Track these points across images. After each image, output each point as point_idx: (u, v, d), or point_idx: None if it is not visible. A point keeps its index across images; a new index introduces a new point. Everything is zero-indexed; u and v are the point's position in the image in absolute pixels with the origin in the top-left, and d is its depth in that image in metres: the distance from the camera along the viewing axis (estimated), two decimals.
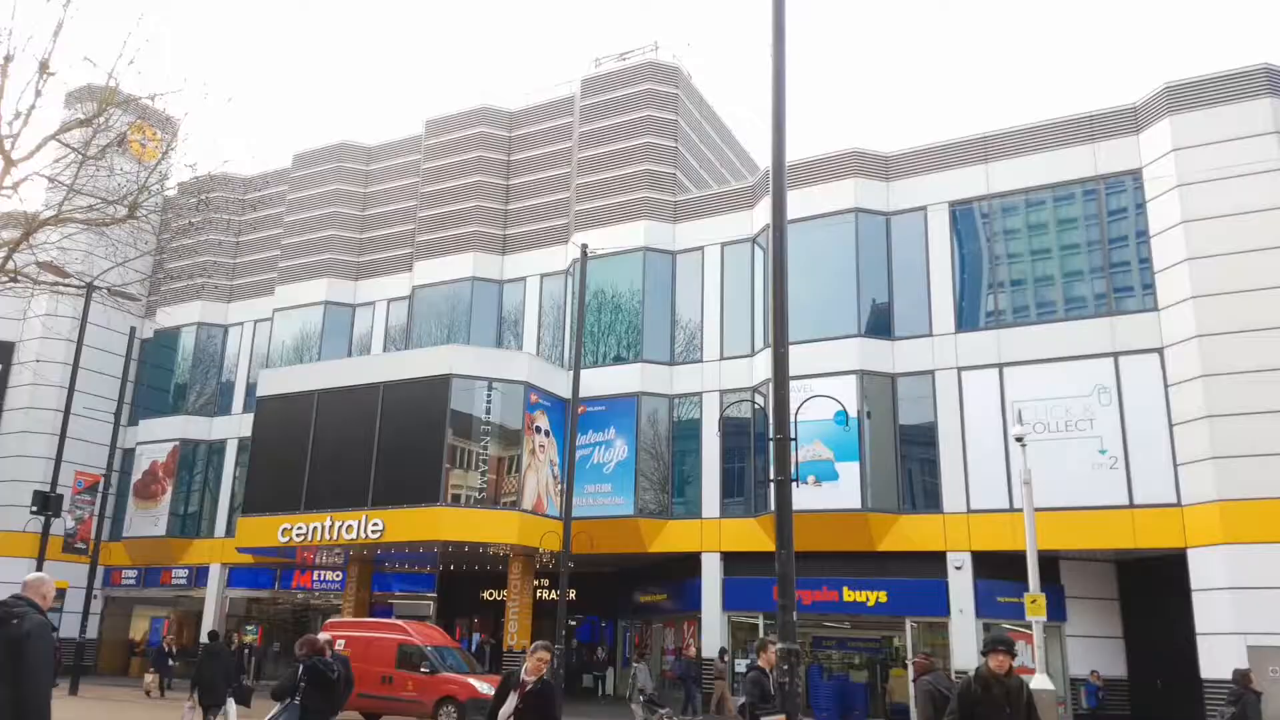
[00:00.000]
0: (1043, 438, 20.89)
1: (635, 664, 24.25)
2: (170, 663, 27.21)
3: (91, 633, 26.02)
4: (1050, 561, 21.01)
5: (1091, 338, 21.54)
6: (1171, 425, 20.20)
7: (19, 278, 15.96)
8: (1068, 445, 20.98)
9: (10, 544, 31.60)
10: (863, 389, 22.96)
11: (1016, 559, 18.90)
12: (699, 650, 24.95)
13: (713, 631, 24.53)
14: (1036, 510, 16.98)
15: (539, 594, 28.75)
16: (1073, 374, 21.45)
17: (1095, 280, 22.15)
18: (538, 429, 26.07)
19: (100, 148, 15.46)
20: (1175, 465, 20.01)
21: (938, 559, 22.24)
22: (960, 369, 22.87)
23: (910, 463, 23.34)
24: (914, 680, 9.24)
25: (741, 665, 24.34)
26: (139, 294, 31.93)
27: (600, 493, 26.22)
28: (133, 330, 30.75)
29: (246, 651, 23.50)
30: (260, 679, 21.77)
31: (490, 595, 30.47)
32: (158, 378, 35.28)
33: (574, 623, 29.79)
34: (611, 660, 30.80)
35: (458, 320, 30.03)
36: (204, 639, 26.55)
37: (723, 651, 23.69)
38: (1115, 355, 21.24)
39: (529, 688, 6.76)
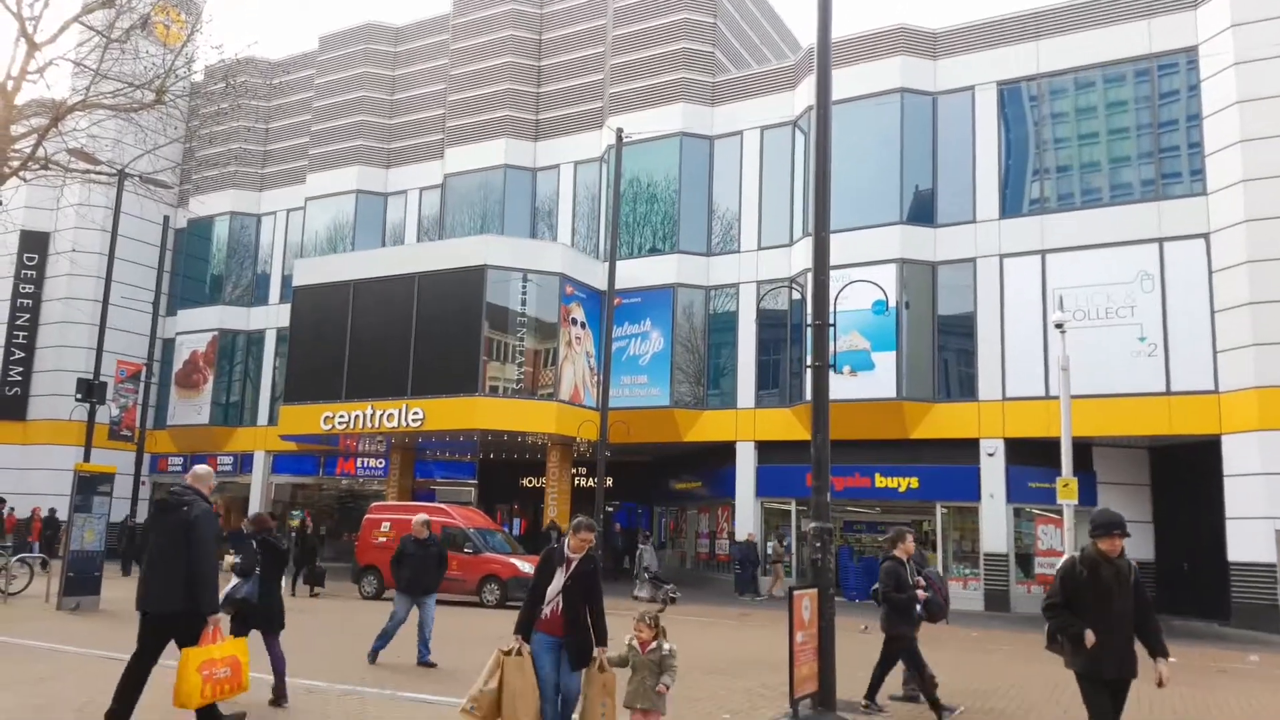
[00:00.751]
0: (1082, 325, 20.74)
1: (641, 545, 24.98)
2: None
3: (141, 518, 27.02)
4: (1083, 448, 21.10)
5: (1137, 223, 21.11)
6: (1213, 312, 19.97)
7: (50, 165, 16.01)
8: (1107, 333, 20.83)
9: (58, 432, 32.74)
10: (902, 278, 22.71)
11: (1049, 445, 18.99)
12: (732, 534, 25.59)
13: (746, 517, 25.10)
14: (1073, 397, 16.98)
15: (577, 481, 29.39)
16: (1116, 260, 21.13)
17: (1143, 165, 21.54)
18: (574, 321, 26.17)
19: (124, 30, 15.24)
20: (1215, 352, 19.87)
21: (971, 446, 22.41)
22: (1002, 256, 22.55)
23: (946, 352, 23.27)
24: (881, 562, 9.48)
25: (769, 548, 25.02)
26: (170, 182, 31.93)
27: (636, 384, 26.46)
28: (166, 219, 30.88)
29: (294, 535, 24.46)
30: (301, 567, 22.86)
31: (530, 482, 31.21)
32: (194, 268, 35.65)
33: (611, 509, 30.52)
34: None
35: (490, 210, 29.84)
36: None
37: (781, 537, 24.40)
38: (1160, 241, 20.85)
39: (575, 565, 6.48)
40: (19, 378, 34.20)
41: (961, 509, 23.03)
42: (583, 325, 26.46)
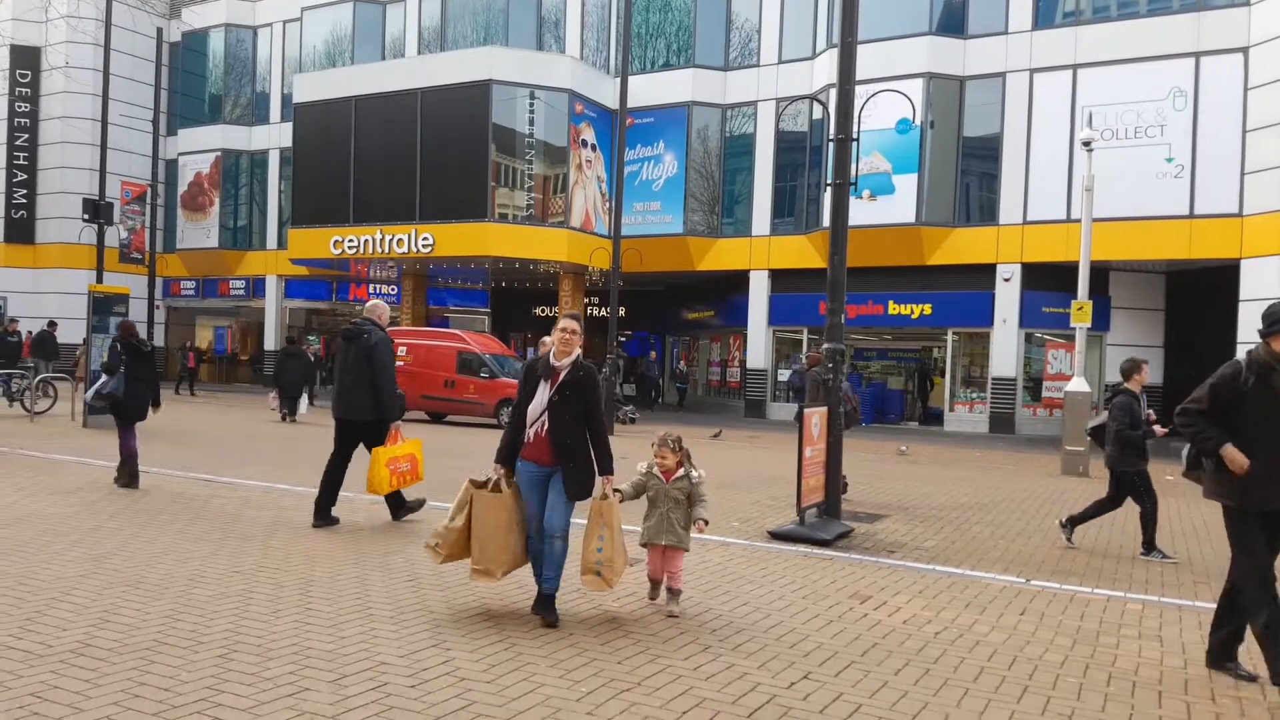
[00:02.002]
0: (1109, 145, 20.12)
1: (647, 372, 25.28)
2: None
3: (157, 341, 27.41)
4: (1100, 273, 20.92)
5: (1174, 36, 20.16)
6: (1245, 131, 19.41)
7: None
8: (1134, 153, 20.24)
9: (68, 255, 32.68)
10: (929, 95, 21.81)
11: (1066, 270, 18.80)
12: (744, 362, 25.85)
13: (758, 345, 25.28)
14: (1094, 220, 16.63)
15: (589, 311, 29.46)
16: (1149, 76, 20.28)
17: None
18: (584, 142, 25.42)
19: None
20: (1242, 174, 19.43)
21: (987, 271, 22.23)
22: (1033, 70, 21.62)
23: (969, 176, 22.69)
24: (806, 370, 9.67)
25: (786, 374, 25.30)
26: None
27: (649, 210, 26.01)
28: (160, 31, 29.61)
29: (312, 359, 25.01)
30: (315, 385, 23.45)
31: (542, 311, 31.31)
32: (192, 85, 34.50)
33: (623, 339, 30.75)
34: (662, 371, 32.02)
35: (494, 21, 28.39)
36: (273, 345, 27.88)
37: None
38: (1196, 55, 19.96)
39: (563, 375, 5.19)
40: (24, 200, 33.85)
41: (973, 335, 23.12)
42: (593, 147, 25.74)
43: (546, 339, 11.14)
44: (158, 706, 3.70)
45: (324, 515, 7.70)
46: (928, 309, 23.01)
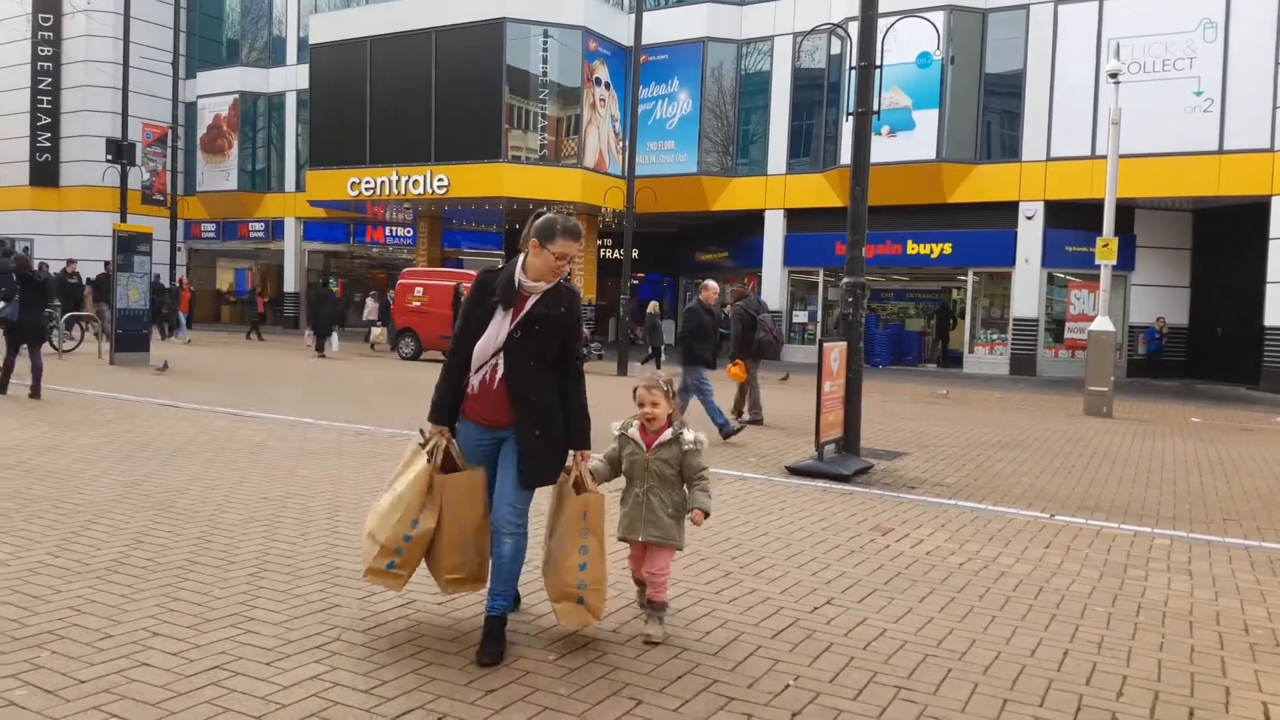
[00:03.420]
0: (1137, 79, 19.63)
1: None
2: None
3: (163, 282, 27.57)
4: (1125, 211, 20.58)
5: None
6: (1277, 64, 18.89)
7: None
8: (1162, 87, 19.77)
9: (91, 198, 32.83)
10: (950, 28, 21.28)
11: (1090, 208, 18.53)
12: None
13: (773, 286, 25.11)
14: (1120, 157, 16.29)
15: (602, 253, 29.29)
16: (1178, 6, 19.86)
17: None
18: (597, 81, 25.05)
19: None
20: (1274, 108, 18.98)
21: (1009, 210, 21.90)
22: (1057, 2, 21.04)
23: (990, 113, 22.24)
24: (729, 305, 10.24)
25: (801, 315, 25.20)
26: None
27: (663, 150, 25.70)
28: None
29: (312, 302, 25.54)
30: (344, 326, 23.99)
31: None
32: (209, 27, 34.26)
33: (636, 281, 30.58)
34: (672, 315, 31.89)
35: None
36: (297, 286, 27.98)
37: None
38: None
39: (532, 304, 3.59)
40: (48, 144, 33.90)
41: (993, 275, 22.87)
42: (607, 86, 25.36)
43: (710, 283, 10.91)
44: (193, 620, 3.78)
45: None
46: (948, 248, 22.75)
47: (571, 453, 3.71)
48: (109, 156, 23.57)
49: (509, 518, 3.60)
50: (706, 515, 3.86)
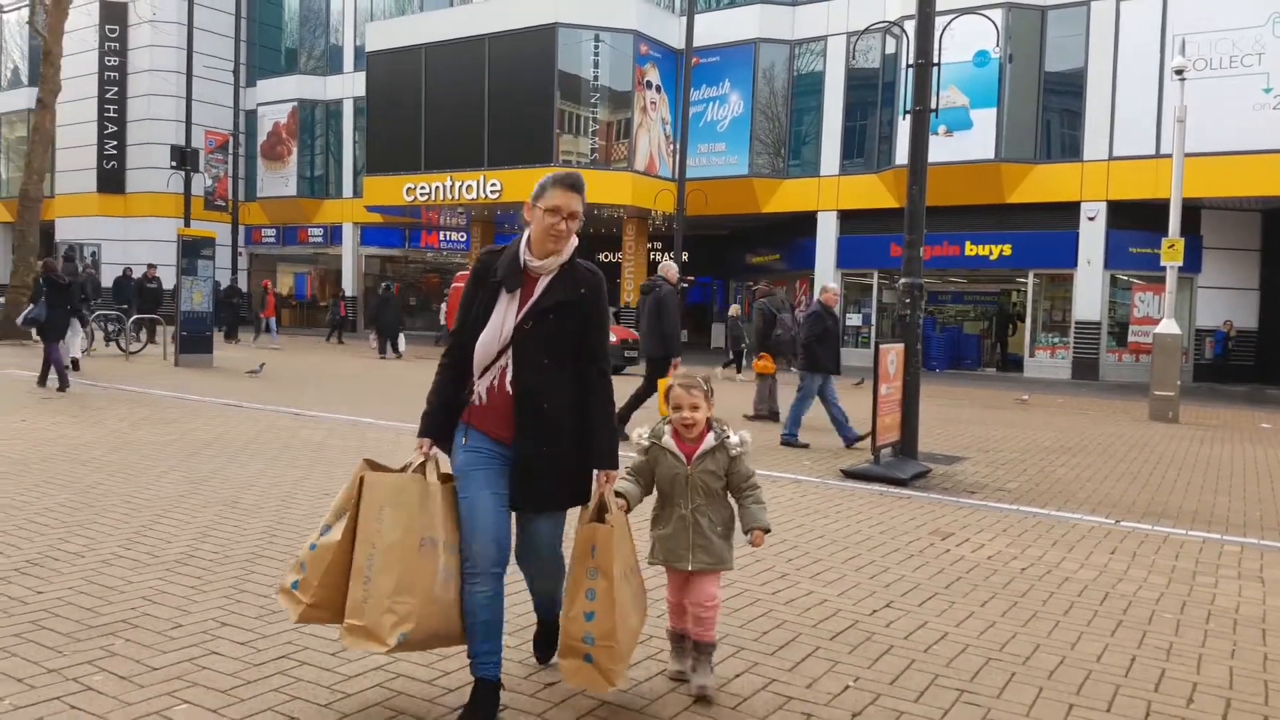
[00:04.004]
0: (1202, 75, 19.08)
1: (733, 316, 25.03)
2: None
3: (241, 286, 28.32)
4: (1191, 211, 20.02)
5: None
6: None
7: None
8: (1229, 84, 19.19)
9: (156, 204, 33.85)
10: (1009, 25, 20.92)
11: (1154, 208, 18.05)
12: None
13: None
14: (1186, 156, 15.86)
15: (652, 256, 29.32)
16: (1246, 0, 19.07)
17: None
18: (648, 84, 25.11)
19: None
20: None
21: (1070, 210, 21.45)
22: None
23: (1050, 111, 21.81)
24: (753, 301, 11.31)
25: (855, 318, 24.94)
26: None
27: (714, 152, 25.65)
28: None
29: (374, 305, 26.03)
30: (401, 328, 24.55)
31: (605, 257, 31.30)
32: (268, 36, 35.08)
33: (685, 285, 30.58)
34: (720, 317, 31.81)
35: None
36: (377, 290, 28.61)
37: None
38: None
39: (546, 286, 2.94)
40: (114, 151, 35.02)
41: (1054, 276, 22.41)
42: (658, 89, 25.41)
43: (831, 285, 10.71)
44: (259, 611, 3.87)
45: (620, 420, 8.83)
46: (1007, 249, 22.34)
47: (595, 474, 3.01)
48: (173, 163, 24.31)
49: (485, 549, 2.79)
50: (767, 532, 3.27)
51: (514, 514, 2.95)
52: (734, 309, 21.16)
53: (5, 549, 4.63)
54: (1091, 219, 21.21)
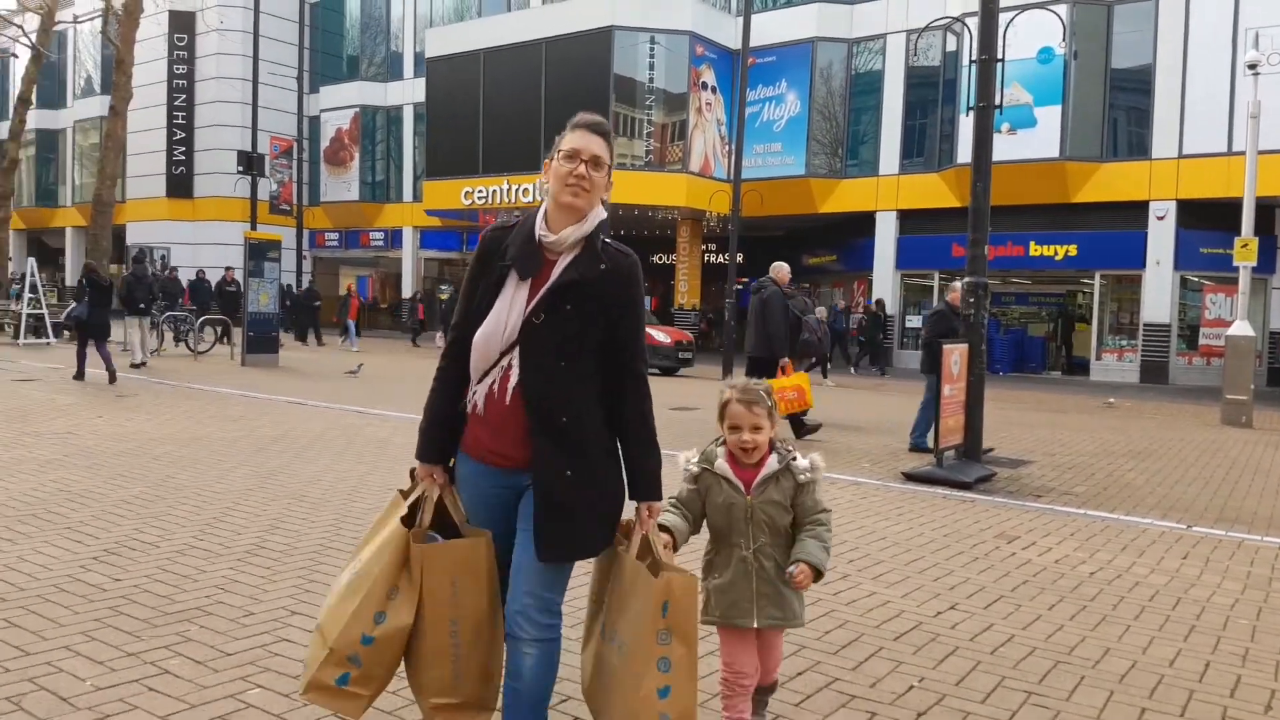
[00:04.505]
0: (1276, 70, 18.40)
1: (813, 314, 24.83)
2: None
3: (319, 290, 29.04)
4: (1265, 210, 19.31)
5: None
6: None
7: None
8: None
9: (222, 208, 34.84)
10: (1073, 21, 20.45)
11: (1226, 207, 17.48)
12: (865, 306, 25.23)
13: (884, 289, 24.58)
14: (1260, 153, 15.34)
15: (706, 258, 29.25)
16: None
17: None
18: (704, 85, 25.08)
19: None
20: None
21: (1138, 209, 20.88)
22: None
23: (1117, 109, 21.27)
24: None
25: (915, 320, 24.60)
26: None
27: (770, 152, 25.51)
28: None
29: (443, 306, 26.31)
30: None
31: (659, 259, 31.31)
32: (331, 44, 35.83)
33: (740, 286, 30.44)
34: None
35: None
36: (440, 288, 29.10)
37: None
38: None
39: (564, 267, 2.34)
40: (183, 157, 36.13)
41: (1122, 277, 21.84)
42: (713, 90, 25.36)
43: (958, 284, 9.77)
44: None
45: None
46: (1073, 250, 21.83)
47: (634, 507, 2.41)
48: (239, 168, 24.92)
49: (531, 613, 2.28)
50: (819, 576, 2.60)
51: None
52: (820, 310, 20.93)
53: (85, 538, 4.81)
54: (1160, 218, 20.63)
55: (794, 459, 2.70)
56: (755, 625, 2.64)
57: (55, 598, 3.87)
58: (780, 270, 10.23)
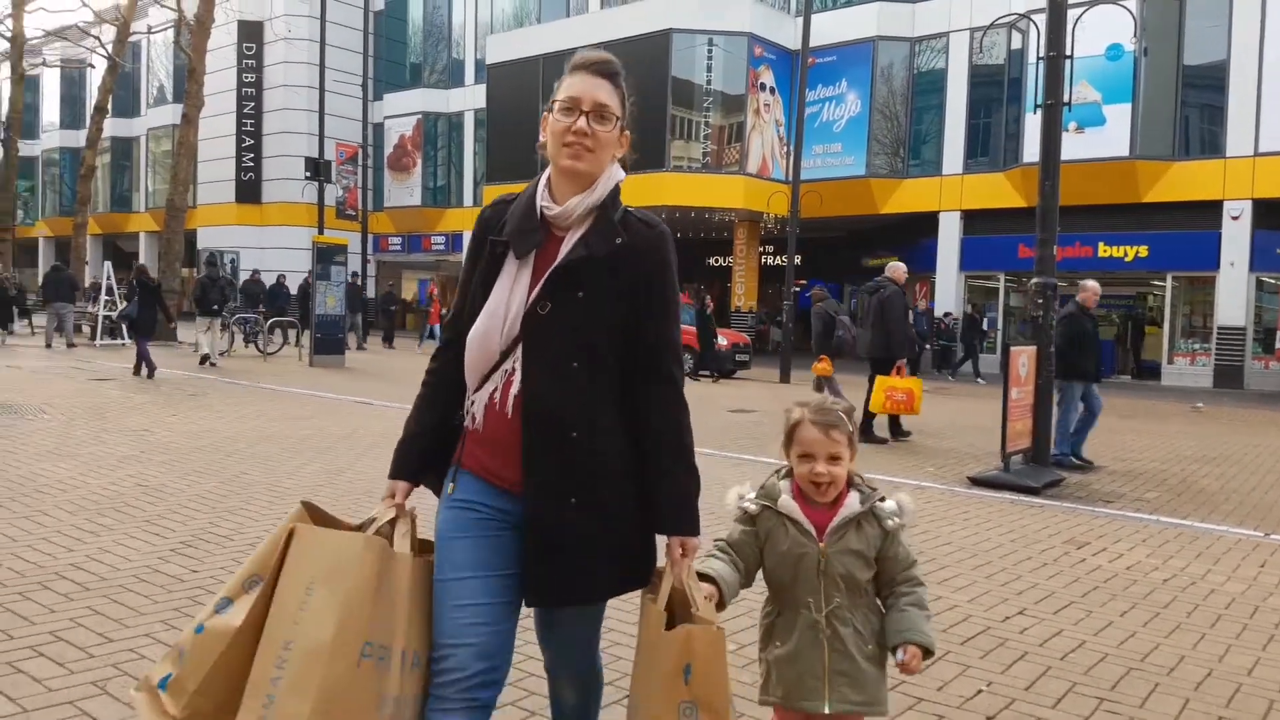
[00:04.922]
0: None
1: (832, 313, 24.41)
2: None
3: (370, 293, 29.60)
4: None
5: None
6: None
7: None
8: None
9: (290, 214, 35.76)
10: (1144, 17, 19.91)
11: None
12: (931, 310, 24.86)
13: (948, 291, 24.18)
14: None
15: (764, 260, 29.10)
16: None
17: None
18: (762, 86, 24.97)
19: None
20: None
21: (1211, 209, 20.23)
22: None
23: (1189, 106, 20.65)
24: (812, 308, 11.60)
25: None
26: None
27: (830, 153, 25.29)
28: (366, 0, 31.54)
29: None
30: None
31: (716, 261, 31.26)
32: (394, 51, 36.53)
33: (797, 288, 30.21)
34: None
35: None
36: None
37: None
38: None
39: (575, 244, 1.89)
40: (251, 164, 37.14)
41: (1194, 279, 21.18)
42: (772, 90, 25.24)
43: (1090, 283, 9.43)
44: None
45: (864, 432, 9.38)
46: (1143, 251, 21.23)
47: (665, 544, 1.94)
48: (307, 174, 25.52)
49: (462, 664, 1.77)
50: (929, 655, 2.07)
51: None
52: (922, 304, 20.58)
53: (163, 530, 4.98)
54: (1235, 218, 19.96)
55: (880, 500, 2.11)
56: (826, 710, 2.06)
57: (136, 587, 4.01)
58: (897, 270, 10.21)
